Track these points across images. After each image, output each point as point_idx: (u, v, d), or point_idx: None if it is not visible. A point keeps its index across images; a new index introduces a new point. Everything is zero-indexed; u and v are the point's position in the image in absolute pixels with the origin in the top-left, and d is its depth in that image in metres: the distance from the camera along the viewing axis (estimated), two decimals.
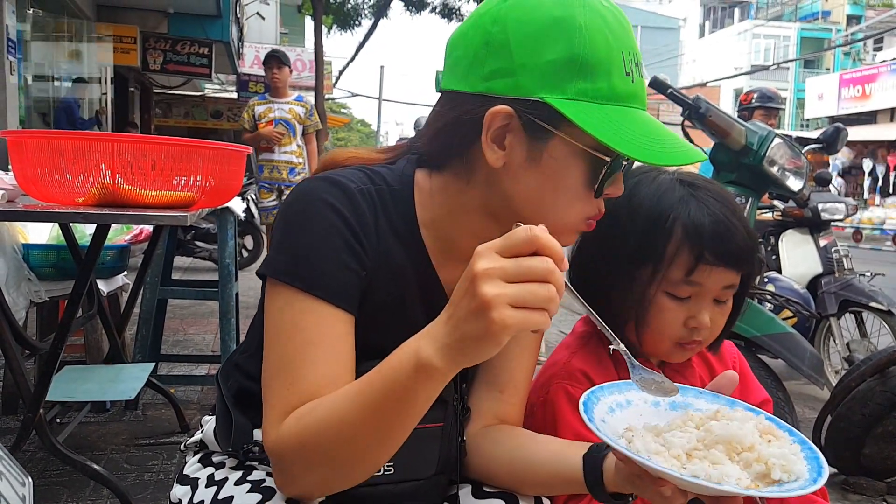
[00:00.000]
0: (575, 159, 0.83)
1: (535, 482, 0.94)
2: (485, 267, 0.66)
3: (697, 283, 1.03)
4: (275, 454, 0.82)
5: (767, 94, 4.31)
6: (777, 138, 2.29)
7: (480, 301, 0.65)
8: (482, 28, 0.85)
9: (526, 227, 0.67)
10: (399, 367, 0.72)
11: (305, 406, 0.80)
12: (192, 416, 2.94)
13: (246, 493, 0.90)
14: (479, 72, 0.84)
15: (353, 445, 0.77)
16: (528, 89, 0.81)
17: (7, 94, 5.96)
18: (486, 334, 0.66)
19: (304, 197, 0.88)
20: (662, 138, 0.83)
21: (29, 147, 1.70)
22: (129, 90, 12.43)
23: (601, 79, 0.81)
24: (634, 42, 0.85)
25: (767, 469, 0.71)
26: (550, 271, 0.66)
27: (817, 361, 2.31)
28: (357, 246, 0.87)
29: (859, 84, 23.20)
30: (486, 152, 0.85)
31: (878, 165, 20.30)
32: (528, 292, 0.65)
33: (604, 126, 0.79)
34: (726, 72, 32.50)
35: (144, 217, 1.76)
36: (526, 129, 0.83)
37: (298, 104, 5.37)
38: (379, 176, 0.93)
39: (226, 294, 2.98)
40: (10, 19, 6.03)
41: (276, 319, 0.85)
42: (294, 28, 23.57)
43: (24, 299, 2.29)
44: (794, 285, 3.52)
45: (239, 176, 1.99)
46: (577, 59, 0.80)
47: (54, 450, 1.98)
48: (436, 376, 0.71)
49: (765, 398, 1.19)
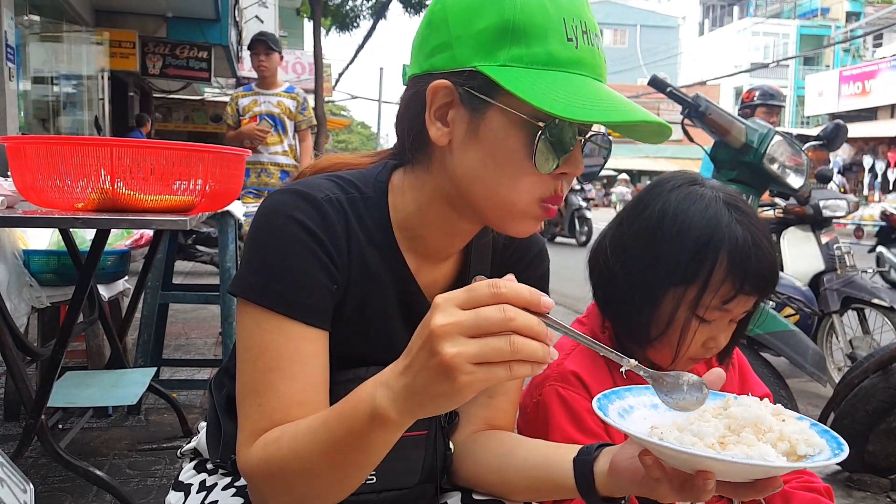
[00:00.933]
0: (512, 128, 0.80)
1: (525, 488, 0.92)
2: (442, 322, 0.63)
3: (729, 310, 1.04)
4: (245, 475, 0.82)
5: (769, 92, 4.31)
6: (777, 135, 2.29)
7: (440, 360, 0.62)
8: (428, 11, 0.86)
9: (489, 280, 0.65)
10: (354, 413, 0.71)
11: (272, 433, 0.80)
12: (195, 421, 2.94)
13: (230, 497, 0.90)
14: (424, 51, 0.84)
15: (312, 481, 0.77)
16: (462, 60, 0.80)
17: (6, 101, 5.97)
18: (449, 393, 0.64)
19: (270, 212, 0.85)
20: (605, 98, 0.79)
21: (28, 153, 1.70)
22: (128, 95, 12.44)
23: (536, 44, 0.78)
24: (584, 10, 0.82)
25: (792, 446, 0.72)
26: (510, 319, 0.62)
27: (820, 359, 2.31)
28: (326, 259, 0.85)
29: (859, 81, 23.20)
30: (431, 130, 0.83)
31: (879, 162, 20.29)
32: (489, 348, 0.62)
33: (533, 88, 0.76)
34: (726, 70, 32.48)
35: (144, 222, 1.75)
36: (464, 101, 0.81)
37: (288, 96, 4.59)
38: (350, 184, 0.91)
39: (227, 298, 2.97)
40: (9, 25, 6.03)
41: (246, 339, 0.84)
42: (293, 31, 23.58)
43: (26, 305, 2.29)
44: (796, 283, 3.52)
45: (239, 179, 1.99)
46: (509, 24, 0.78)
47: (56, 456, 1.98)
48: (391, 426, 0.70)
49: (765, 393, 1.19)
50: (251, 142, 4.38)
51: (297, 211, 0.84)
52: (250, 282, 0.84)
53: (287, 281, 0.83)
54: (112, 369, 2.71)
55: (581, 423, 1.05)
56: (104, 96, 10.33)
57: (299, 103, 4.58)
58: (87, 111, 9.73)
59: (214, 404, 1.01)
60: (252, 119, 4.43)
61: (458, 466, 0.98)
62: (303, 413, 0.80)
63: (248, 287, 0.84)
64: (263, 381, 0.81)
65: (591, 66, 0.81)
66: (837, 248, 3.60)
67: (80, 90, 9.62)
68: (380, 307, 0.92)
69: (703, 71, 37.46)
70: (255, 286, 0.83)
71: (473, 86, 0.80)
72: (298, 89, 4.73)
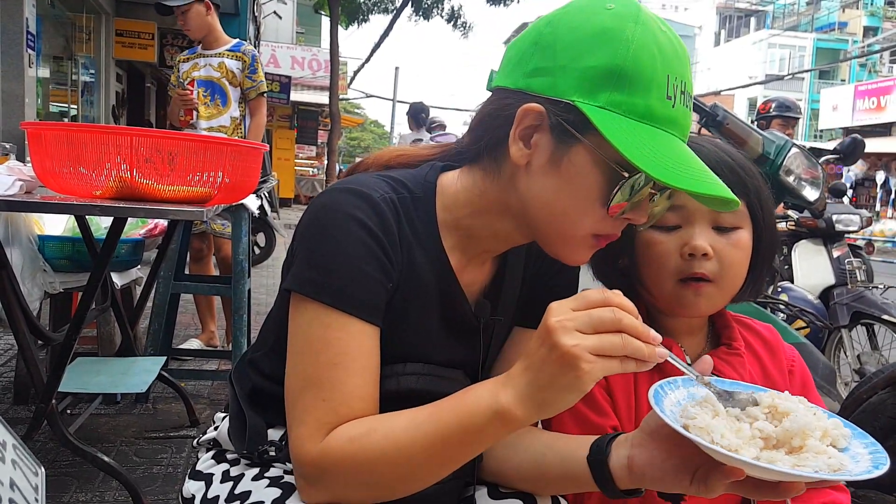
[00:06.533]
0: (594, 169, 0.81)
1: (547, 484, 0.94)
2: (558, 318, 0.69)
3: (680, 206, 0.99)
4: (316, 467, 0.82)
5: (786, 104, 4.29)
6: (794, 148, 2.28)
7: (562, 353, 0.68)
8: (536, 29, 0.86)
9: (599, 289, 0.71)
10: (475, 411, 0.76)
11: (357, 428, 0.81)
12: (202, 411, 2.96)
13: (265, 489, 0.90)
14: (523, 69, 0.85)
15: (410, 475, 0.80)
16: (562, 91, 0.81)
17: (25, 87, 6.02)
18: (573, 384, 0.69)
19: (328, 210, 0.87)
20: (690, 165, 0.80)
21: (48, 139, 1.71)
22: (145, 86, 12.51)
23: (638, 95, 0.79)
24: (687, 71, 0.83)
25: (833, 440, 0.75)
26: (619, 320, 0.69)
27: (830, 373, 2.30)
28: (384, 258, 0.87)
29: (874, 96, 23.06)
30: (512, 147, 0.85)
31: (892, 178, 20.14)
32: (606, 342, 0.68)
33: (627, 138, 0.77)
34: (741, 81, 32.34)
35: (162, 211, 1.77)
36: (553, 130, 0.82)
37: (232, 55, 3.64)
38: (400, 184, 0.93)
39: (238, 290, 2.99)
40: (30, 12, 6.08)
41: (305, 334, 0.85)
42: (311, 28, 23.67)
43: (39, 290, 2.31)
44: (808, 296, 3.50)
45: (255, 173, 2.00)
46: (617, 69, 0.79)
47: (65, 440, 1.99)
48: (514, 424, 0.74)
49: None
50: (183, 116, 3.62)
51: (357, 210, 0.86)
52: (309, 278, 0.85)
53: (347, 278, 0.84)
54: (122, 357, 2.72)
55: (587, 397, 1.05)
56: (124, 87, 10.39)
57: (246, 64, 3.64)
58: (105, 101, 9.79)
59: (236, 396, 1.01)
60: (190, 86, 3.61)
61: (483, 464, 0.98)
62: (364, 406, 0.83)
63: (308, 283, 0.85)
64: (328, 377, 0.83)
65: (682, 128, 0.83)
66: (849, 263, 3.58)
67: (96, 79, 9.68)
68: (421, 305, 0.93)
69: (717, 81, 37.32)
70: (315, 283, 0.85)
71: (567, 119, 0.81)
72: (247, 46, 3.71)
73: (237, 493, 0.92)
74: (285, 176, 16.82)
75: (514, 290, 1.02)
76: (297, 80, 18.07)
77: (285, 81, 15.81)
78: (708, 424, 0.74)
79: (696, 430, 0.73)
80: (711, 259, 1.00)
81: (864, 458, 0.73)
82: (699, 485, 0.77)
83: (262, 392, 0.99)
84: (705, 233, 1.00)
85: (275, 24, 18.68)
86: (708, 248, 0.99)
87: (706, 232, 1.01)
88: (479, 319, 0.98)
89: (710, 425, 0.74)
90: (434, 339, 0.95)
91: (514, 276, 1.02)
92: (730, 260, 1.01)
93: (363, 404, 0.83)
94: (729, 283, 1.03)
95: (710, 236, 1.01)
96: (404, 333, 0.92)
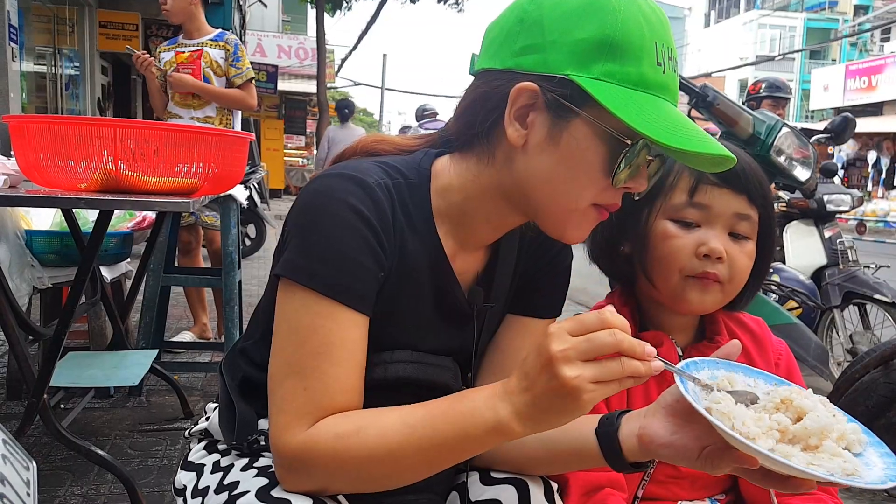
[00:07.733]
0: (595, 141, 0.81)
1: (548, 461, 0.94)
2: (560, 348, 0.70)
3: (703, 205, 1.03)
4: (297, 459, 0.81)
5: (776, 84, 4.29)
6: (785, 127, 2.27)
7: (563, 383, 0.69)
8: (518, 7, 0.85)
9: (595, 311, 0.72)
10: (474, 422, 0.76)
11: (345, 424, 0.80)
12: (196, 403, 2.95)
13: (253, 479, 0.89)
14: (511, 48, 0.83)
15: (398, 474, 0.80)
16: (555, 66, 0.80)
17: (9, 81, 5.95)
18: (572, 409, 0.71)
19: (322, 195, 0.85)
20: (689, 127, 0.81)
21: (31, 132, 1.69)
22: (131, 79, 12.39)
23: (630, 63, 0.79)
24: (670, 37, 0.84)
25: (848, 444, 0.75)
26: (619, 343, 0.70)
27: (822, 353, 2.31)
28: (377, 247, 0.85)
29: (865, 75, 23.10)
30: (508, 129, 0.84)
31: (883, 157, 20.23)
32: (607, 370, 0.70)
33: (627, 107, 0.78)
34: (731, 62, 32.36)
35: (148, 203, 1.75)
36: (549, 107, 0.82)
37: (215, 45, 3.60)
38: (395, 169, 0.91)
39: (229, 282, 2.98)
40: (11, 5, 6.00)
41: (292, 320, 0.83)
42: (297, 16, 23.48)
43: (28, 285, 2.29)
44: (800, 276, 3.51)
45: (242, 163, 1.98)
46: (608, 39, 0.79)
47: (58, 435, 1.98)
48: (512, 437, 0.76)
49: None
50: (170, 97, 3.63)
51: (352, 196, 0.84)
52: (300, 264, 0.84)
53: (339, 267, 0.83)
54: (114, 350, 2.71)
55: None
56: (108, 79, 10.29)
57: (229, 53, 3.60)
58: (90, 93, 9.70)
59: (227, 387, 1.00)
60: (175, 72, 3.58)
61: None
62: (347, 398, 0.82)
63: (298, 270, 0.83)
64: (310, 365, 0.81)
65: (672, 93, 0.84)
66: (840, 243, 3.59)
67: (81, 72, 9.59)
68: (414, 291, 0.92)
69: (708, 62, 37.30)
70: (306, 269, 0.83)
71: (563, 94, 0.80)
72: (230, 35, 3.68)
73: (226, 484, 0.91)
74: (275, 166, 16.73)
75: (506, 279, 1.02)
76: (284, 70, 17.96)
77: (272, 71, 15.72)
78: (731, 410, 0.75)
79: (718, 415, 0.74)
80: (724, 263, 1.03)
81: (877, 466, 0.74)
82: (706, 462, 0.77)
83: (252, 381, 0.98)
84: (722, 236, 1.04)
85: (260, 12, 18.51)
86: (723, 252, 1.02)
87: (723, 236, 1.04)
88: (473, 307, 0.97)
89: (733, 411, 0.75)
90: (426, 326, 0.94)
91: (506, 265, 1.01)
92: (739, 266, 1.05)
93: (346, 396, 0.82)
94: (733, 288, 1.06)
95: (726, 241, 1.04)
96: (396, 319, 0.91)
